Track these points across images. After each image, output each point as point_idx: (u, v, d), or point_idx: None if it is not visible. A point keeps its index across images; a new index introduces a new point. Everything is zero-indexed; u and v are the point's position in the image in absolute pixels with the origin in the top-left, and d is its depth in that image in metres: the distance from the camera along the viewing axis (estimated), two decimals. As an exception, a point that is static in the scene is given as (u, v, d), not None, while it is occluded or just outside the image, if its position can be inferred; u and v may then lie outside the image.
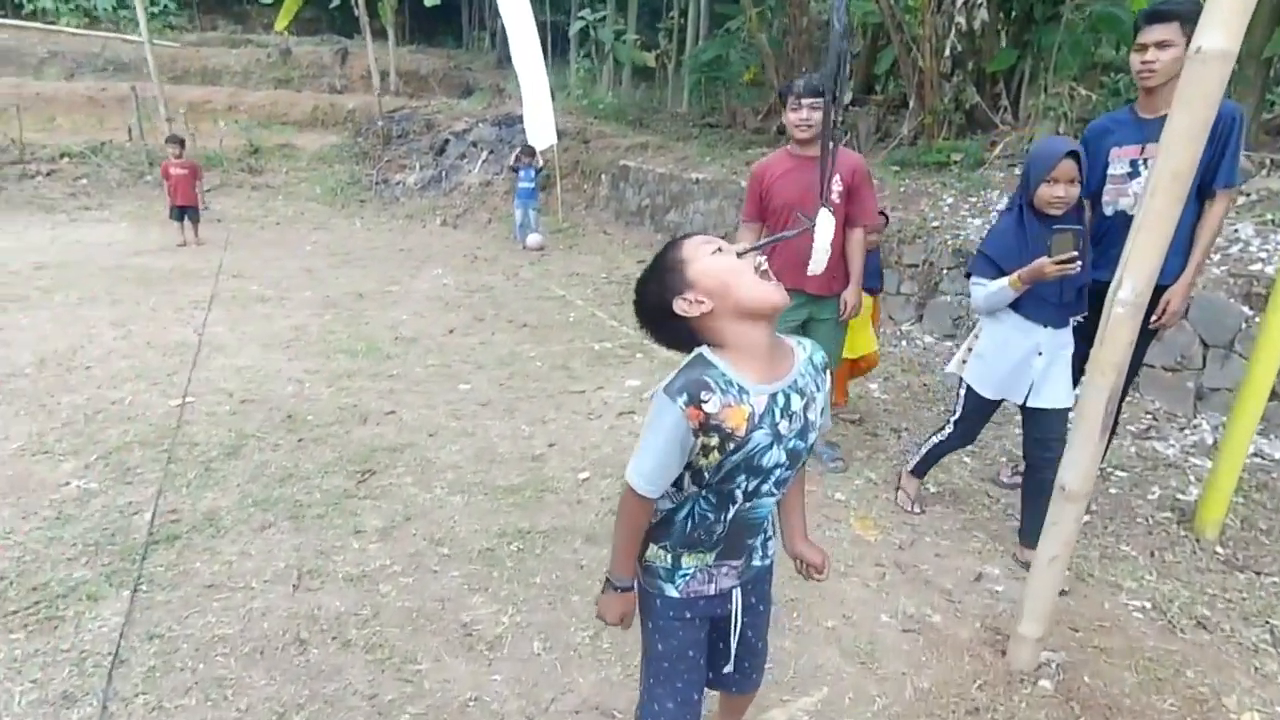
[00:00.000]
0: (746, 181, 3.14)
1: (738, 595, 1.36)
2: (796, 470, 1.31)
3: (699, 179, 8.41)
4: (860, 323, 3.40)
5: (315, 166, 11.87)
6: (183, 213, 7.74)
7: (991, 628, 2.25)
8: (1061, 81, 7.22)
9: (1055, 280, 2.25)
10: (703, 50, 11.69)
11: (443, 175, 11.73)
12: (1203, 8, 1.48)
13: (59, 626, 2.13)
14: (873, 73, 9.63)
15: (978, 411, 2.60)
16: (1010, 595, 2.39)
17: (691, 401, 1.13)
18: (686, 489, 1.25)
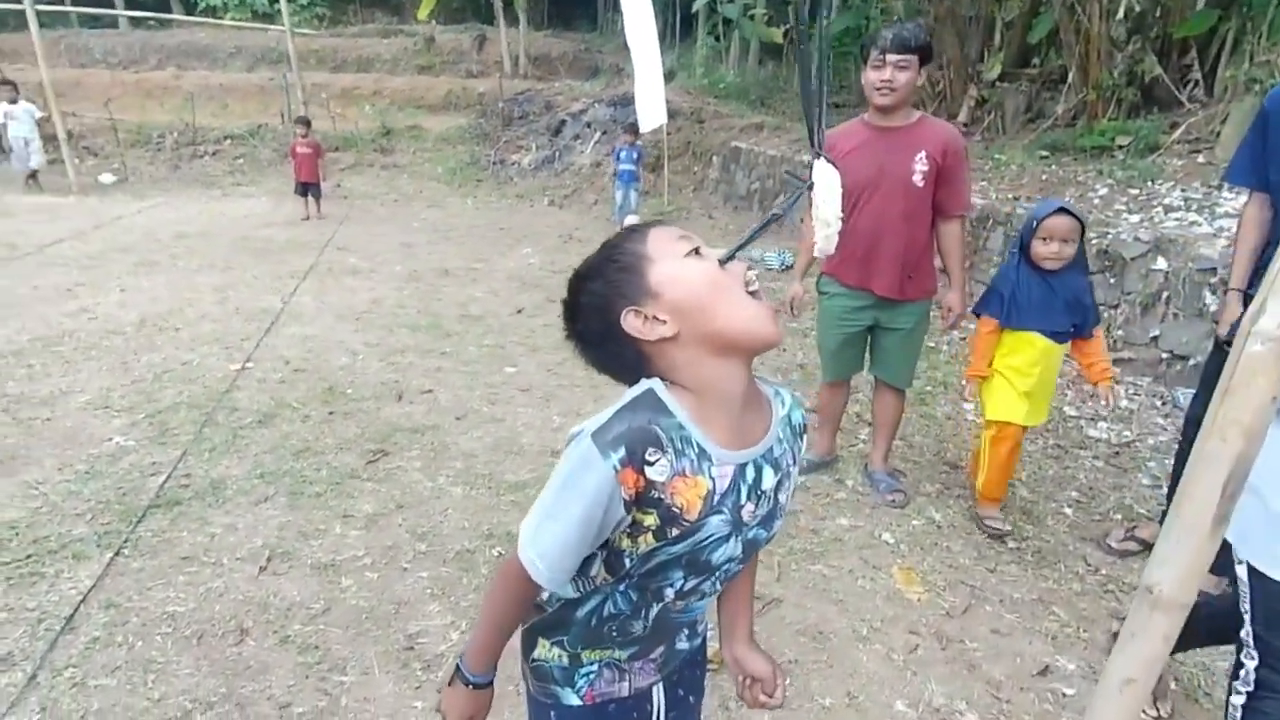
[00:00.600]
0: None
1: (659, 694, 1.00)
2: (747, 563, 0.96)
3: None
4: (1044, 375, 2.39)
5: (440, 147, 12.35)
6: (306, 188, 8.25)
7: (1046, 742, 1.70)
8: (1276, 47, 5.78)
9: None
10: (833, 22, 10.79)
11: (556, 156, 11.79)
12: None
13: (36, 583, 2.15)
14: (1027, 41, 8.35)
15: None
16: (1083, 702, 1.80)
17: (631, 461, 0.78)
18: (596, 578, 0.90)
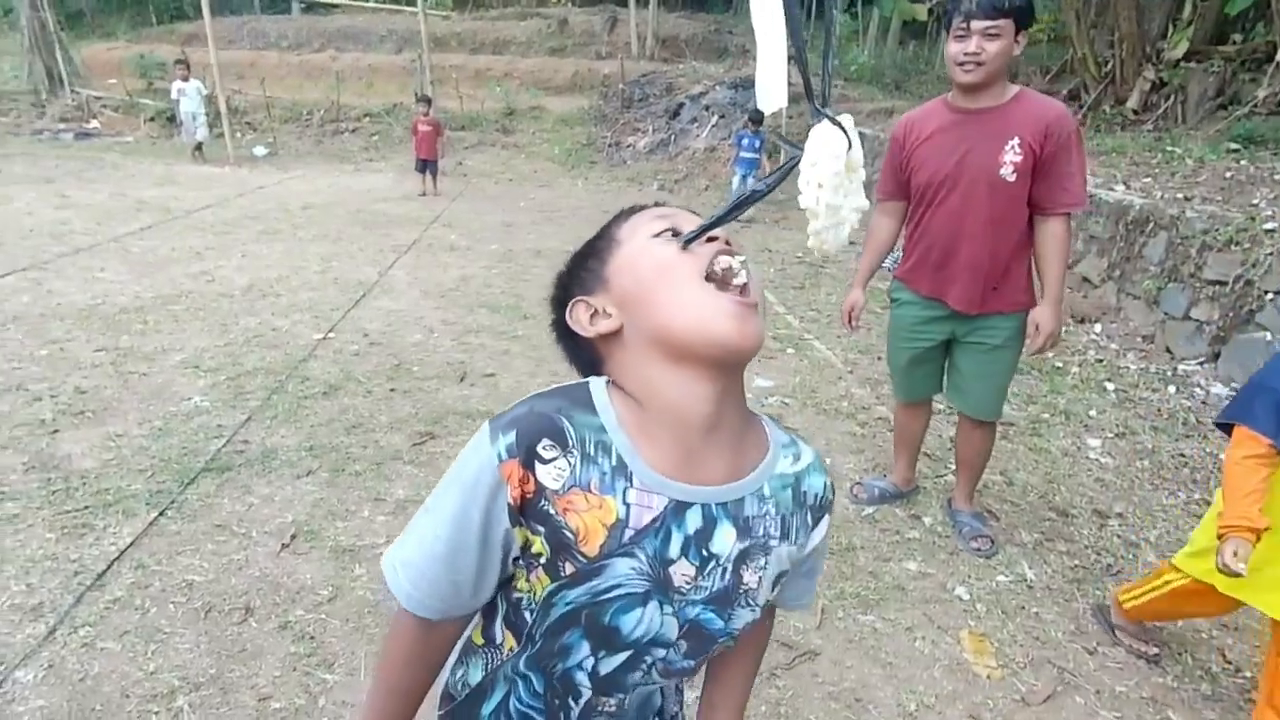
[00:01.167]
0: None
1: None
2: (701, 661, 0.71)
3: (939, 148, 7.02)
4: None
5: (558, 129, 12.48)
6: (425, 165, 8.56)
7: None
8: None
9: None
10: (983, -5, 9.68)
11: (671, 139, 11.56)
12: None
13: (84, 535, 2.24)
14: (1224, 13, 7.04)
15: None
16: None
17: (518, 452, 0.60)
18: (503, 646, 0.71)
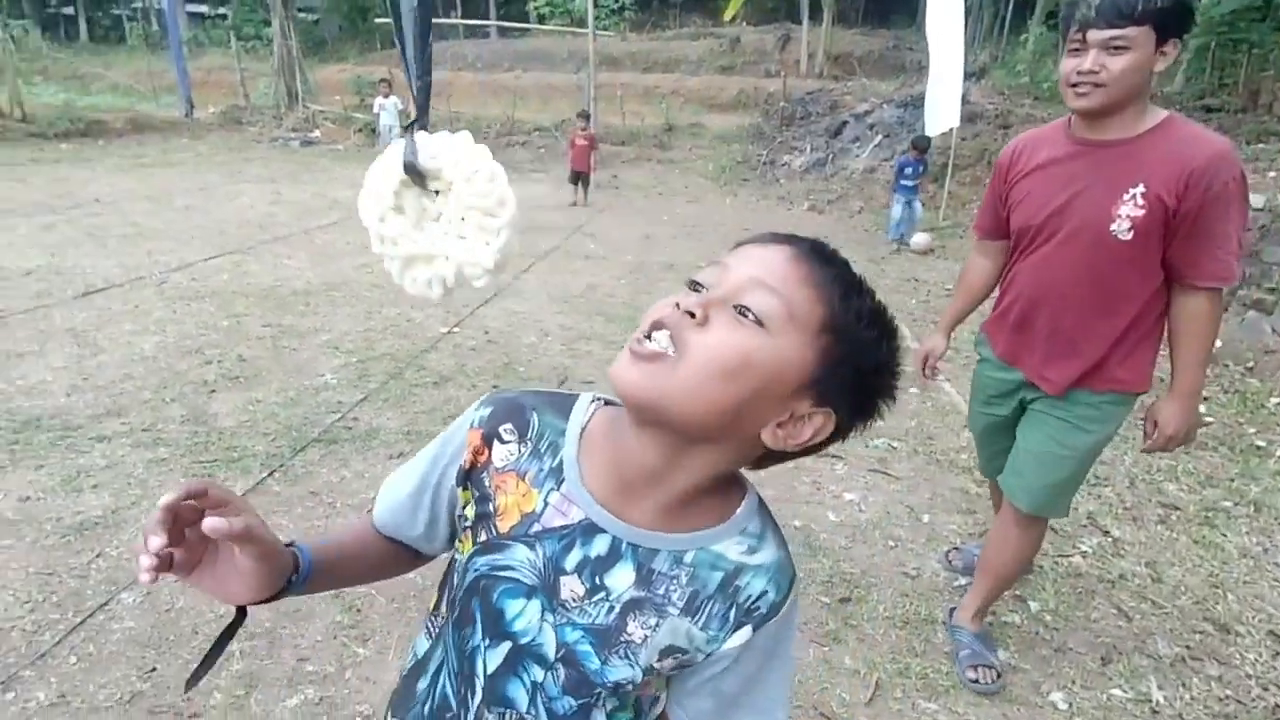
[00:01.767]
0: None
1: None
2: (581, 710, 0.67)
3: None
4: None
5: (715, 145, 12.53)
6: (578, 177, 8.96)
7: None
8: None
9: None
10: (1214, 3, 8.30)
11: (829, 159, 11.16)
12: None
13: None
14: None
15: None
16: None
17: (486, 425, 0.68)
18: (438, 605, 0.76)
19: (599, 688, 0.65)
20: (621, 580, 0.63)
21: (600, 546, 0.63)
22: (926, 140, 7.73)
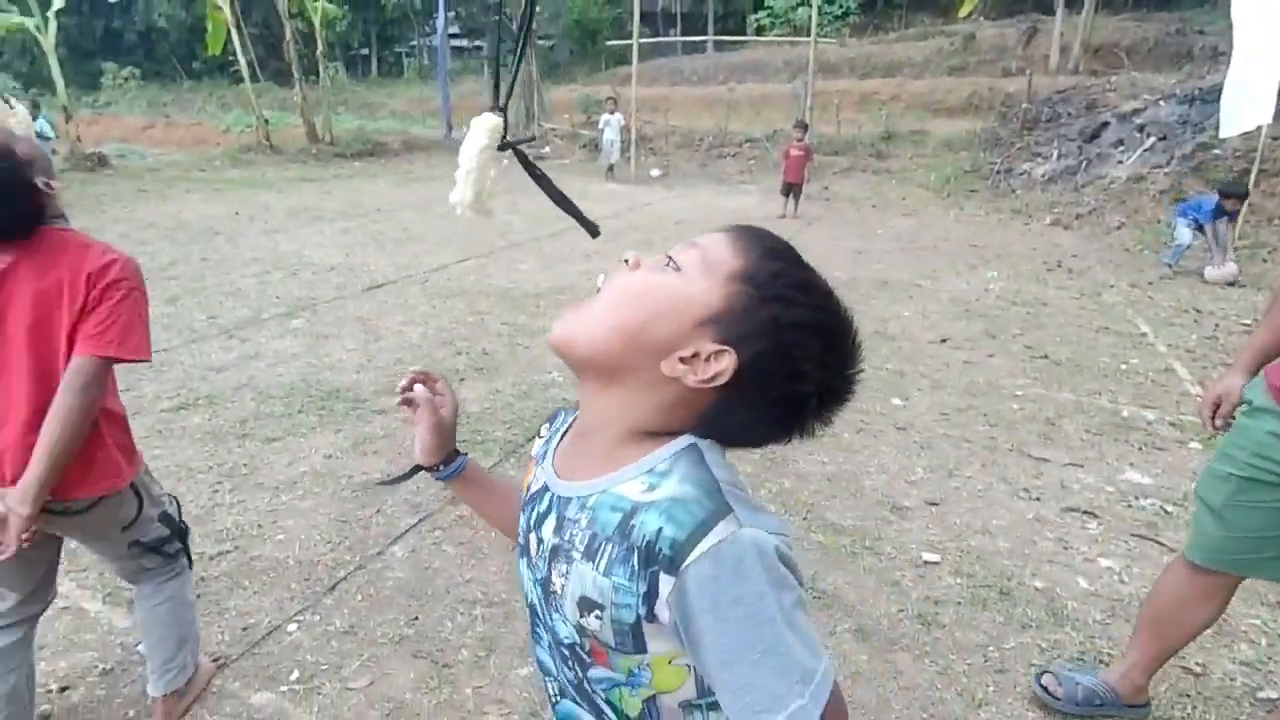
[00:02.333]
0: None
1: None
2: (578, 680, 0.70)
3: None
4: None
5: (939, 153, 11.63)
6: (789, 188, 8.85)
7: None
8: None
9: None
10: None
11: (1082, 166, 9.81)
12: None
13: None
14: None
15: None
16: None
17: (542, 425, 0.83)
18: None
19: (567, 649, 0.68)
20: (548, 531, 0.68)
21: (543, 504, 0.70)
22: (1243, 189, 6.39)
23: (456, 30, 26.17)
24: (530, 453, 0.80)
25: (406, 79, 27.26)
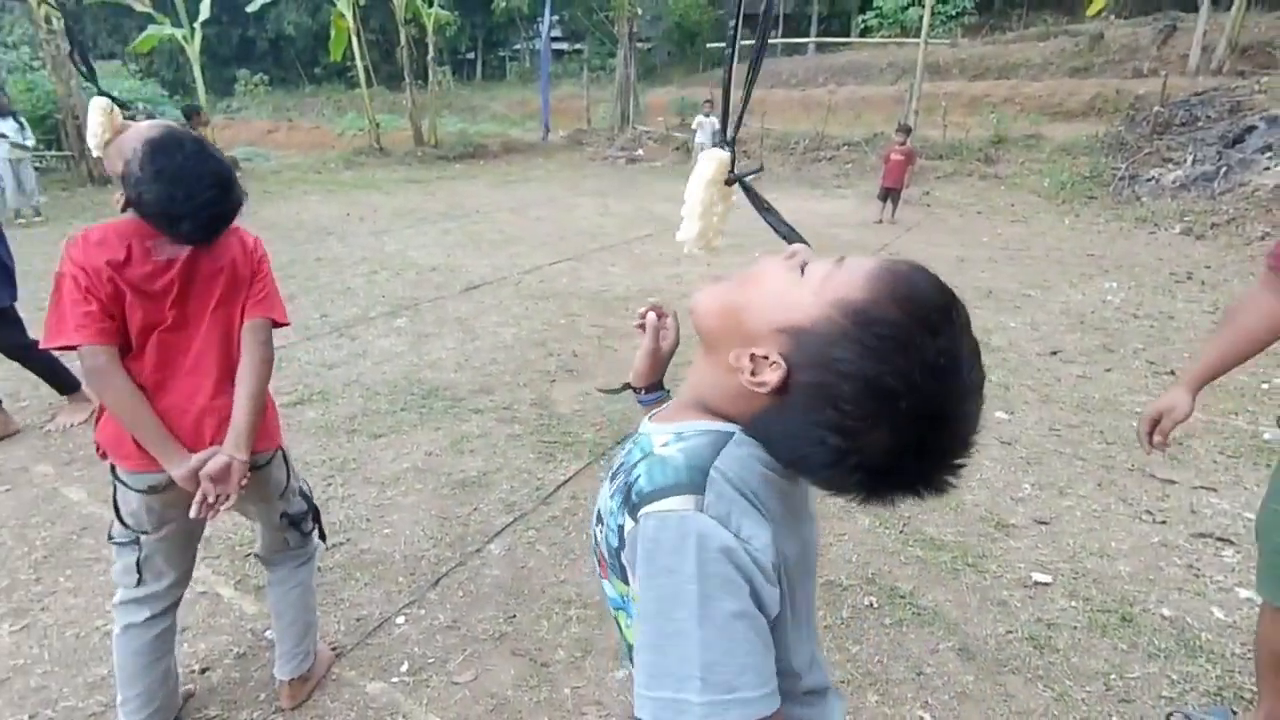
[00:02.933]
0: None
1: None
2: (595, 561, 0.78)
3: None
4: None
5: (1055, 158, 10.88)
6: (887, 193, 8.52)
7: None
8: None
9: None
10: None
11: (1221, 172, 8.94)
12: None
13: (549, 461, 2.99)
14: None
15: None
16: None
17: None
18: None
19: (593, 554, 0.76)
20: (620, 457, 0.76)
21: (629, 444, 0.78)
22: None
23: (559, 34, 26.79)
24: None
25: (509, 82, 28.17)
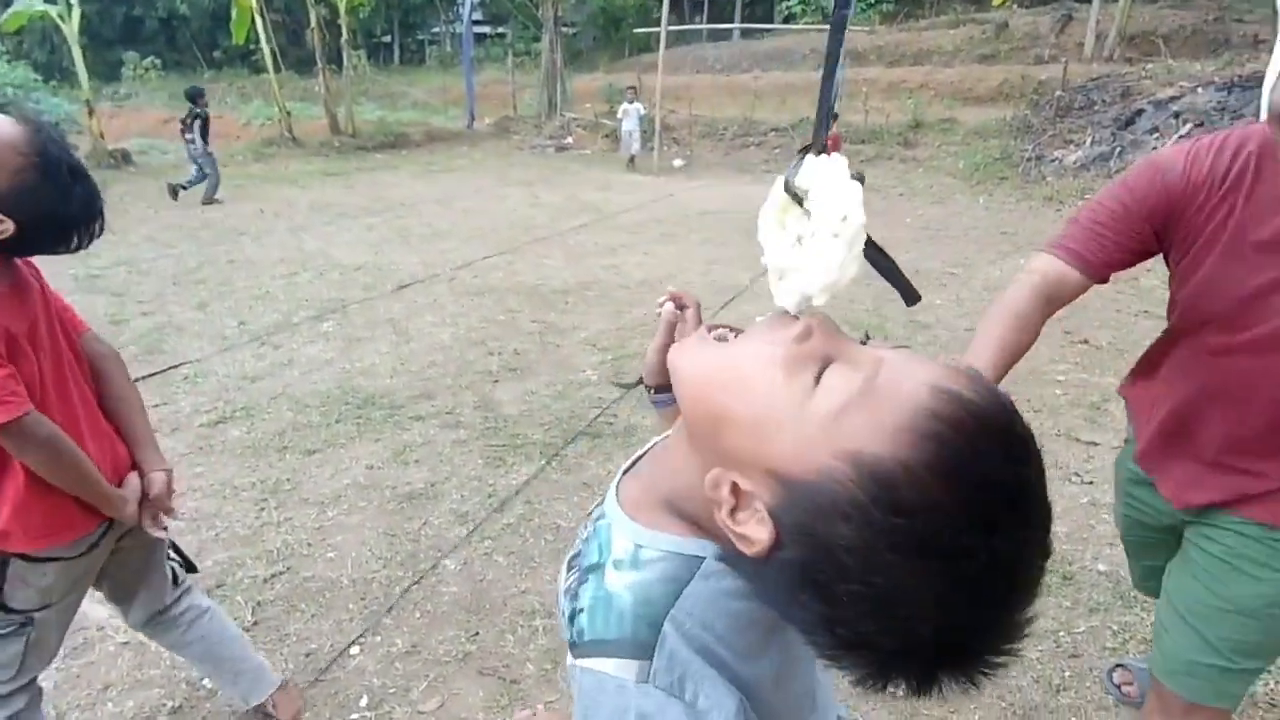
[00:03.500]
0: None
1: None
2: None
3: None
4: None
5: (969, 141, 11.39)
6: (816, 180, 8.70)
7: None
8: None
9: None
10: None
11: (1116, 152, 9.59)
12: None
13: (499, 467, 2.90)
14: None
15: None
16: None
17: None
18: None
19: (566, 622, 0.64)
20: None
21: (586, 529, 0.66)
22: None
23: (480, 17, 25.99)
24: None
25: (429, 67, 27.16)
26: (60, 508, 1.21)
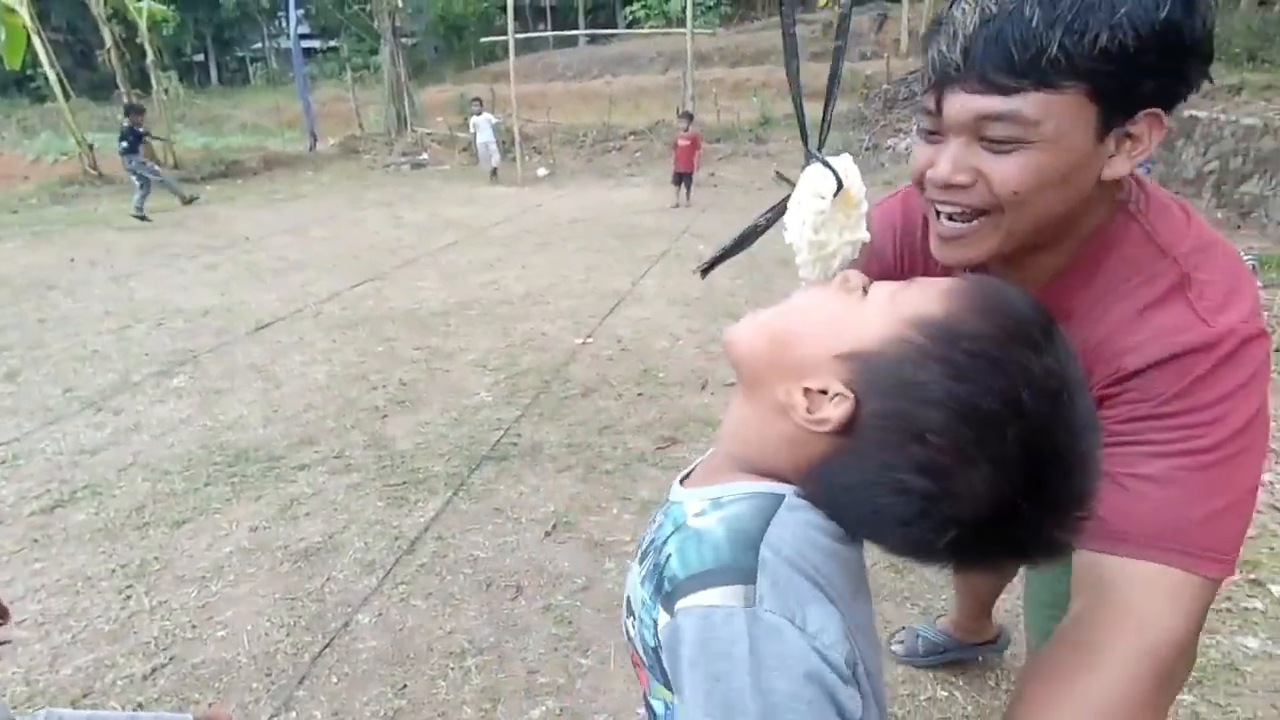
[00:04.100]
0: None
1: None
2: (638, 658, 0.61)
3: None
4: None
5: (814, 135, 12.22)
6: (680, 178, 8.97)
7: None
8: None
9: None
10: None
11: (938, 138, 10.67)
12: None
13: (402, 505, 2.73)
14: None
15: None
16: None
17: None
18: None
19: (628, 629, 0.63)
20: (648, 538, 0.65)
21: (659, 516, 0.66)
22: None
23: (307, 30, 24.40)
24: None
25: (254, 87, 25.17)
26: None
